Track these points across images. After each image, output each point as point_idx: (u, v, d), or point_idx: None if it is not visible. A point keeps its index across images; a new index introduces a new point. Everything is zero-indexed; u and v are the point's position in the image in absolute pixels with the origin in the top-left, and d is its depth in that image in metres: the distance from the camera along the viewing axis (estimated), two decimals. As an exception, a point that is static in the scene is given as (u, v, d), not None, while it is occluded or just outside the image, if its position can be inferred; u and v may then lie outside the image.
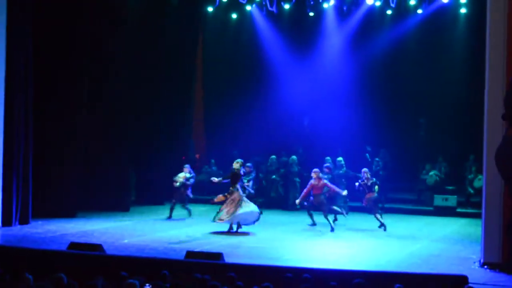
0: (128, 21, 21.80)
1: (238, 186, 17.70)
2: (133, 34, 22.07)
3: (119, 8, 21.45)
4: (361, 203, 22.04)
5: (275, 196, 23.07)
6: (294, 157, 22.72)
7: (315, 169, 18.62)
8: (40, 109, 19.31)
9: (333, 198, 19.23)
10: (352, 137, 24.01)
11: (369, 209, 18.80)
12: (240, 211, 17.38)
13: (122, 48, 21.56)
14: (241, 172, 17.92)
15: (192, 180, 20.24)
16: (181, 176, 20.02)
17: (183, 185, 19.92)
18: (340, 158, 21.84)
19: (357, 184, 18.85)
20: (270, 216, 20.35)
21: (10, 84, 17.95)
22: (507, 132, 6.44)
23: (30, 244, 15.51)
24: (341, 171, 21.49)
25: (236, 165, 17.87)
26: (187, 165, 20.43)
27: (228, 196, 17.61)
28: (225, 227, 17.67)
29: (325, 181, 18.61)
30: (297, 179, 22.47)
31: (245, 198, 17.70)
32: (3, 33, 17.78)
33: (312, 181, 18.41)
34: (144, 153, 22.52)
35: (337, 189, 18.70)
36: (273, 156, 23.41)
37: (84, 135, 20.55)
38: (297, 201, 18.79)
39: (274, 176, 23.05)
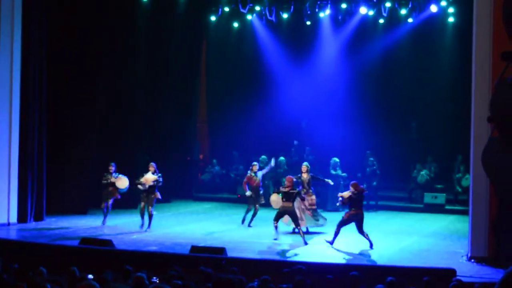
0: (136, 30, 21.86)
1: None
2: (140, 43, 22.14)
3: (129, 17, 21.51)
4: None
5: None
6: (282, 158, 22.62)
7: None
8: (54, 110, 19.36)
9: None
10: (348, 139, 23.94)
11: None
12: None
13: (131, 57, 21.64)
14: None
15: (161, 180, 17.43)
16: (149, 179, 17.28)
17: (152, 187, 17.31)
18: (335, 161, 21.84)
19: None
20: (270, 214, 20.26)
21: (25, 85, 17.98)
22: (493, 133, 6.46)
23: (44, 240, 15.55)
24: (337, 172, 21.52)
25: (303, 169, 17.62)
26: (153, 163, 17.69)
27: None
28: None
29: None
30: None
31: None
32: (18, 35, 17.82)
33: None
34: (152, 153, 22.47)
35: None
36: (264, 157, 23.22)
37: (95, 136, 20.59)
38: None
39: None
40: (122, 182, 17.79)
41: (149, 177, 17.24)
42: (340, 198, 15.63)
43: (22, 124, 17.95)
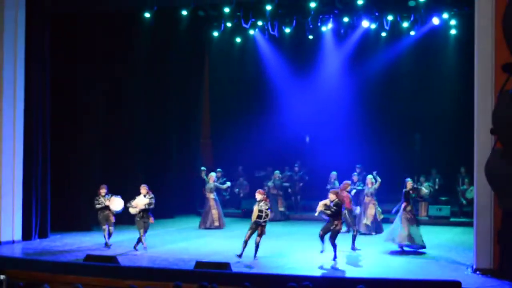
0: (139, 46, 21.96)
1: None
2: (143, 59, 22.20)
3: (132, 34, 21.64)
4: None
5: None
6: (277, 171, 22.57)
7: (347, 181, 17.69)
8: (58, 128, 19.42)
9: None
10: (351, 151, 23.94)
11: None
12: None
13: (133, 73, 21.73)
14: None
15: (153, 202, 16.77)
16: (140, 203, 16.63)
17: (144, 210, 16.65)
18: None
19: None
20: (274, 228, 20.23)
21: (29, 106, 18.09)
22: (496, 145, 6.48)
23: (49, 257, 15.56)
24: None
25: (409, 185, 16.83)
26: (145, 185, 17.00)
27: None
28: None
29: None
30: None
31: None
32: (22, 57, 17.93)
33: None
34: (155, 170, 22.47)
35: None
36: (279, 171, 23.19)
37: (100, 153, 20.65)
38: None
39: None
40: (116, 204, 17.10)
41: (140, 201, 16.63)
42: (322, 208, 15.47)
43: (26, 144, 18.03)
